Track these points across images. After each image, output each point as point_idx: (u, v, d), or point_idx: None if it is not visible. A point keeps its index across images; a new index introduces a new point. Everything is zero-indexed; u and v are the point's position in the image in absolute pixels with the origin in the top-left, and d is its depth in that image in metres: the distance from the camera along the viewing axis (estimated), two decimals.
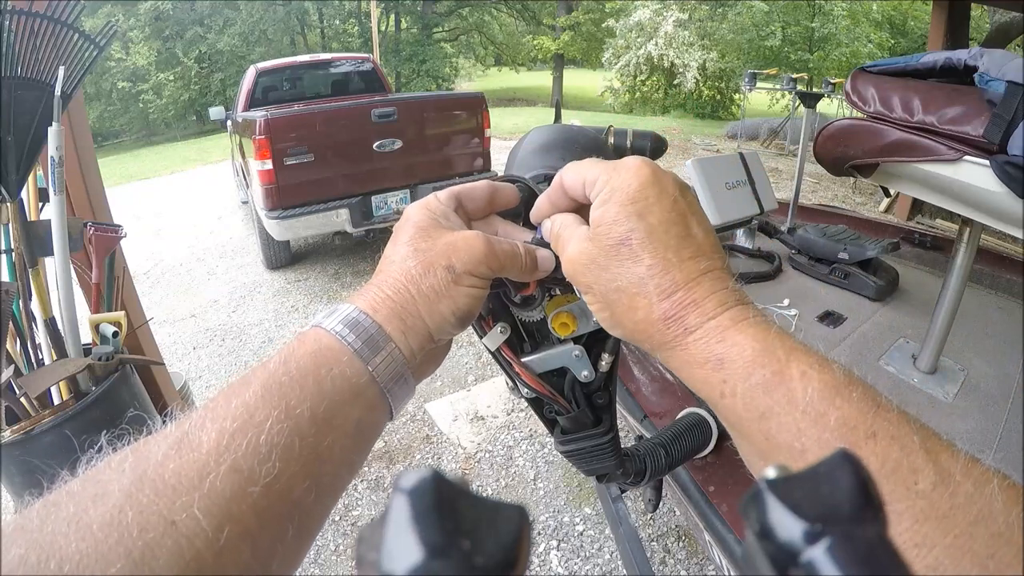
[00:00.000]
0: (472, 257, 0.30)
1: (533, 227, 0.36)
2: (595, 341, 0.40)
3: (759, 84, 3.74)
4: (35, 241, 1.22)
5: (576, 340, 0.39)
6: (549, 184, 0.46)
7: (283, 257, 3.65)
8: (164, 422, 0.26)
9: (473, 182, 0.36)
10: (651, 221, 0.28)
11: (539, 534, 1.54)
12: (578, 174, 0.31)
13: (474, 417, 2.07)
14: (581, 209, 0.32)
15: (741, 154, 1.75)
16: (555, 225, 0.33)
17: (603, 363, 0.40)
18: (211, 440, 0.24)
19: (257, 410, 0.25)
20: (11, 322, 1.17)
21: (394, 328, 0.29)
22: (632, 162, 0.29)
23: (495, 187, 0.35)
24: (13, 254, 1.20)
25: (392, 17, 17.63)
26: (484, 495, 0.12)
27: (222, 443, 0.24)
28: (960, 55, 0.93)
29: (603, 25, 14.10)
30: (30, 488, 1.16)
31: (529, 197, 0.38)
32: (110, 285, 1.40)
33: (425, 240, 0.31)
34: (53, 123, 1.16)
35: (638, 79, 13.18)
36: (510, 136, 8.12)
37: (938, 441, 0.21)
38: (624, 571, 1.37)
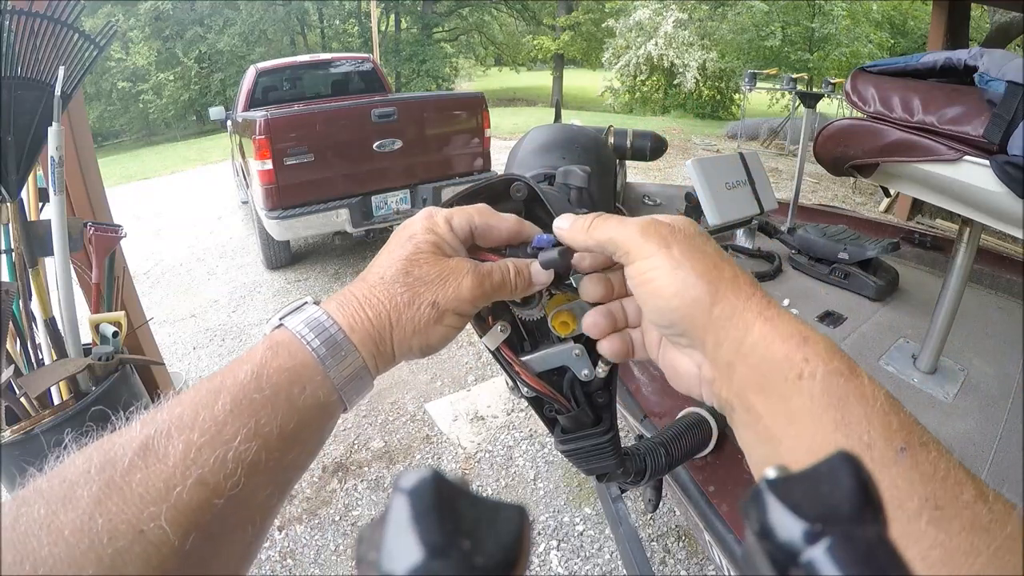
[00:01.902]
0: (458, 296, 0.31)
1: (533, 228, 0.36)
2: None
3: (759, 84, 3.73)
4: (35, 241, 1.22)
5: (576, 339, 0.38)
6: (549, 183, 0.46)
7: (283, 257, 3.65)
8: (128, 420, 0.26)
9: (500, 216, 0.34)
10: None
11: (539, 534, 1.54)
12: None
13: (474, 417, 2.07)
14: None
15: (741, 154, 1.75)
16: (599, 218, 0.31)
17: (603, 362, 0.40)
18: (178, 452, 0.24)
19: (226, 425, 0.25)
20: (11, 322, 1.17)
21: (367, 352, 0.30)
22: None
23: (522, 226, 0.34)
24: (13, 254, 1.20)
25: (392, 17, 17.63)
26: (484, 495, 0.12)
27: (189, 456, 0.24)
28: (960, 55, 0.93)
29: (603, 25, 14.09)
30: None
31: (529, 197, 0.38)
32: (110, 285, 1.40)
33: (420, 266, 0.31)
34: (53, 123, 1.16)
35: (638, 79, 13.17)
36: (510, 136, 8.11)
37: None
38: (624, 571, 1.37)
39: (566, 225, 0.32)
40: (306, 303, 0.31)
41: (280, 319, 0.30)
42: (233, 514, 0.25)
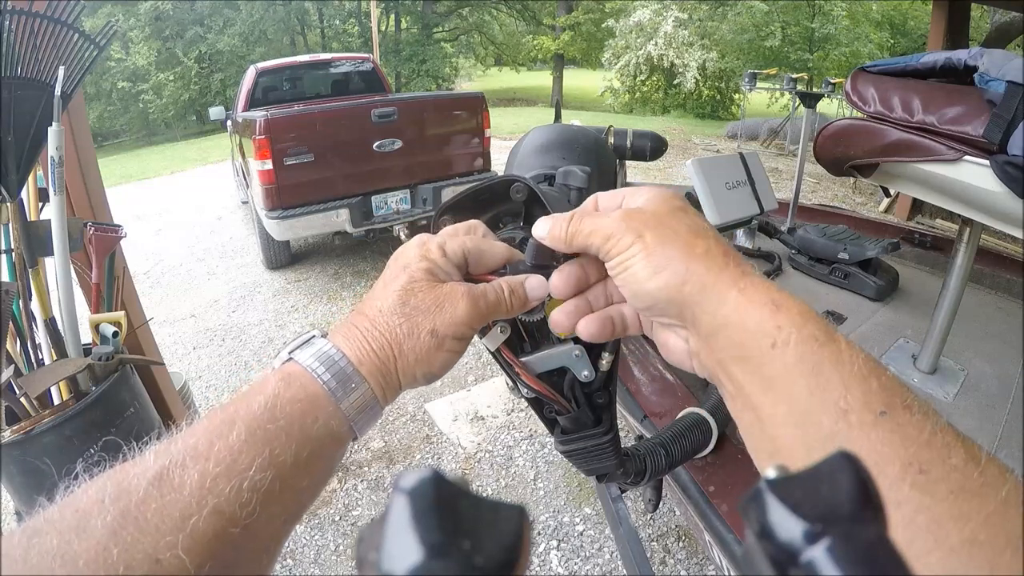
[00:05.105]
0: (455, 320, 0.31)
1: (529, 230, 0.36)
2: None
3: (759, 84, 3.74)
4: (35, 241, 1.22)
5: (576, 340, 0.38)
6: (549, 184, 0.46)
7: (283, 257, 3.65)
8: (141, 450, 0.26)
9: (492, 244, 0.34)
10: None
11: (539, 534, 1.54)
12: (616, 194, 0.33)
13: (474, 417, 2.07)
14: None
15: (741, 154, 1.75)
16: (586, 209, 0.33)
17: (603, 362, 0.40)
18: (193, 482, 0.24)
19: (241, 455, 0.25)
20: (11, 322, 1.17)
21: (375, 383, 0.31)
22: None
23: (513, 255, 0.35)
24: (13, 254, 1.20)
25: (392, 17, 17.62)
26: (484, 495, 0.12)
27: (204, 486, 0.24)
28: (960, 55, 0.93)
29: (603, 25, 14.08)
30: (30, 488, 1.16)
31: (529, 198, 0.38)
32: (110, 285, 1.40)
33: (415, 295, 0.31)
34: (53, 123, 1.15)
35: (638, 79, 13.17)
36: (510, 136, 8.11)
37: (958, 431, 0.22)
38: (624, 571, 1.37)
39: (545, 233, 0.32)
40: (314, 336, 0.32)
41: (289, 353, 0.31)
42: (248, 542, 0.25)
